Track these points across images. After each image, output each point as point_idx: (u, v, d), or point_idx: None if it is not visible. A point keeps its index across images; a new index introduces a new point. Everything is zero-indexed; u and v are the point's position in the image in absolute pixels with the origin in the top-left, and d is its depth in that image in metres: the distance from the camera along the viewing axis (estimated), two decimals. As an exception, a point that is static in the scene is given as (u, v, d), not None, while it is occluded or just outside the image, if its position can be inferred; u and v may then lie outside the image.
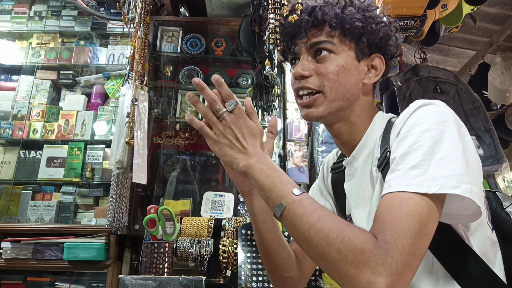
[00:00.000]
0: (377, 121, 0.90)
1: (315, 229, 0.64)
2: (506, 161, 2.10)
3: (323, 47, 0.86)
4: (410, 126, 0.72)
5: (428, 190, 0.63)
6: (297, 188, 0.71)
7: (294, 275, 0.98)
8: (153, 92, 2.62)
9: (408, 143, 0.70)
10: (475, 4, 1.91)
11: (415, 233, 0.61)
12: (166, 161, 2.67)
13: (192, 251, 2.02)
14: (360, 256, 0.58)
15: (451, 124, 0.71)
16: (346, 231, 0.62)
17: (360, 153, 0.89)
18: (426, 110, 0.74)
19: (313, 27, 0.87)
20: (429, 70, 2.36)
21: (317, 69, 0.86)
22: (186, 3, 2.85)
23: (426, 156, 0.67)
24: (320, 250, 0.63)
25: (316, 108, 0.87)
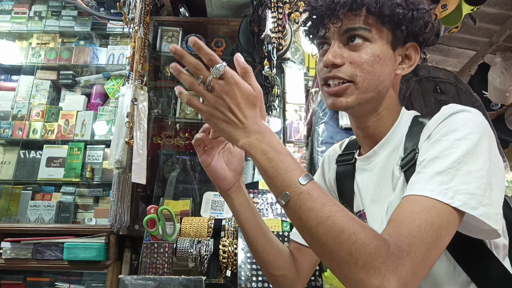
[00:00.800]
0: (403, 117, 0.86)
1: (324, 226, 0.59)
2: (506, 161, 2.10)
3: (359, 34, 0.79)
4: (445, 131, 0.69)
5: (452, 202, 0.62)
6: (303, 176, 0.64)
7: (288, 274, 0.96)
8: (153, 92, 2.62)
9: (440, 148, 0.67)
10: (475, 4, 1.91)
11: (431, 243, 0.59)
12: (166, 161, 2.67)
13: (192, 251, 2.02)
14: (372, 262, 0.56)
15: (485, 137, 0.68)
16: (359, 233, 0.58)
17: (382, 149, 0.85)
18: (463, 117, 0.71)
19: (349, 11, 0.78)
20: (429, 70, 2.35)
21: (350, 58, 0.79)
22: (186, 3, 2.85)
23: (455, 165, 0.65)
24: (329, 249, 0.59)
25: (346, 98, 0.80)
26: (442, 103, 1.20)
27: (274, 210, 2.28)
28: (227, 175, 0.85)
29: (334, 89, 0.80)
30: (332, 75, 0.79)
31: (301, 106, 2.60)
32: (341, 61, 0.79)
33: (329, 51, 0.80)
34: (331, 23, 0.80)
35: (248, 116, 0.67)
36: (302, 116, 2.57)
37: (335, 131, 2.45)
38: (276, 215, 2.26)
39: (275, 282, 0.97)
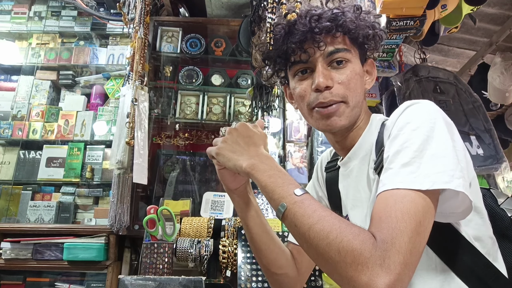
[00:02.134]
0: (373, 124, 0.90)
1: (315, 230, 0.64)
2: (506, 161, 2.10)
3: (343, 57, 0.84)
4: (401, 125, 0.73)
5: (422, 186, 0.64)
6: (299, 189, 0.71)
7: (289, 273, 0.98)
8: (153, 92, 2.63)
9: (400, 142, 0.70)
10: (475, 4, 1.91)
11: (412, 231, 0.61)
12: (166, 161, 2.67)
13: (192, 251, 2.02)
14: (359, 258, 0.58)
15: (440, 122, 0.71)
16: (345, 231, 0.61)
17: (356, 155, 0.90)
18: (414, 109, 0.75)
19: (328, 34, 0.83)
20: (428, 70, 2.36)
21: (337, 78, 0.83)
22: (186, 3, 2.85)
23: (418, 153, 0.67)
24: (320, 251, 0.63)
25: (339, 117, 0.84)
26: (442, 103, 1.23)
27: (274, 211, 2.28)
28: (237, 178, 0.90)
29: (328, 109, 0.84)
30: (328, 101, 0.83)
31: (301, 106, 2.59)
32: (331, 82, 0.83)
33: (319, 75, 0.83)
34: (315, 47, 0.83)
35: (251, 145, 0.80)
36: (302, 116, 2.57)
37: (335, 131, 2.44)
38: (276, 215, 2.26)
39: (276, 281, 0.99)
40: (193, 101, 2.71)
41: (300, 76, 0.88)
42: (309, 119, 0.90)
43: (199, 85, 2.68)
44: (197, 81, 2.68)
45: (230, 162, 0.80)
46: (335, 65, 0.84)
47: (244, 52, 2.44)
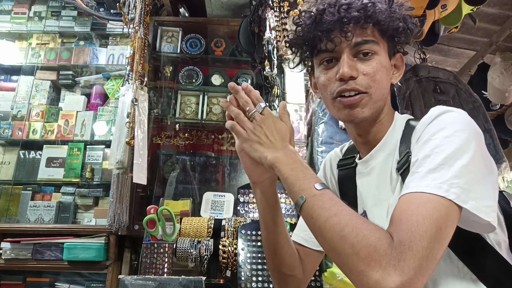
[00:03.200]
0: (397, 122, 0.90)
1: (331, 223, 0.65)
2: (506, 161, 2.10)
3: (370, 49, 0.82)
4: (434, 131, 0.72)
5: (447, 195, 0.63)
6: (320, 183, 0.73)
7: (297, 274, 0.98)
8: (152, 92, 2.62)
9: (431, 146, 0.70)
10: (475, 4, 1.91)
11: (431, 237, 0.60)
12: (166, 161, 2.67)
13: (192, 251, 2.02)
14: (373, 254, 0.58)
15: (473, 134, 0.71)
16: (361, 227, 0.62)
17: (379, 153, 0.88)
18: (450, 116, 0.74)
19: (356, 24, 0.81)
20: (428, 70, 2.36)
21: (363, 70, 0.82)
22: (186, 3, 2.85)
23: (447, 160, 0.66)
24: (334, 243, 0.64)
25: (362, 108, 0.83)
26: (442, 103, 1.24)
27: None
28: (258, 167, 0.86)
29: (350, 99, 0.82)
30: (351, 88, 0.82)
31: (301, 106, 2.60)
32: (356, 73, 0.82)
33: (344, 64, 0.82)
34: (342, 37, 0.82)
35: (278, 139, 0.80)
36: (302, 116, 2.57)
37: (335, 131, 2.45)
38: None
39: (283, 282, 0.98)
40: (193, 101, 2.71)
41: (325, 65, 0.86)
42: (331, 109, 0.88)
43: (199, 85, 2.68)
44: (197, 81, 2.68)
45: (256, 153, 0.81)
46: (361, 56, 0.83)
47: (244, 52, 2.44)
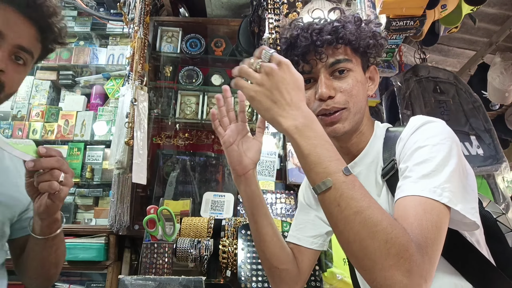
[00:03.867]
0: (378, 131, 0.95)
1: (363, 216, 0.63)
2: (506, 161, 2.10)
3: (344, 67, 0.88)
4: (422, 140, 0.77)
5: (441, 199, 0.68)
6: (346, 167, 0.67)
7: (290, 269, 0.99)
8: (152, 92, 2.62)
9: (422, 154, 0.75)
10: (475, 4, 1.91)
11: (438, 243, 0.66)
12: (166, 161, 2.67)
13: (192, 251, 2.02)
14: (404, 253, 0.60)
15: (454, 143, 0.77)
16: (394, 226, 0.63)
17: (362, 161, 0.93)
18: (433, 126, 0.80)
19: (329, 45, 0.87)
20: (428, 70, 2.36)
21: (339, 87, 0.87)
22: (185, 3, 2.85)
23: (438, 167, 0.72)
24: (361, 237, 0.62)
25: (342, 123, 0.88)
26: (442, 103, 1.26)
27: (274, 210, 2.28)
28: (244, 161, 0.89)
29: (331, 117, 0.87)
30: (331, 108, 0.87)
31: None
32: (334, 92, 0.87)
33: (321, 85, 0.87)
34: (317, 59, 0.87)
35: (295, 99, 0.68)
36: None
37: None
38: (276, 215, 2.26)
39: (277, 277, 0.99)
40: (193, 101, 2.71)
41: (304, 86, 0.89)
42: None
43: (199, 85, 2.68)
44: (197, 81, 2.68)
45: (268, 113, 0.69)
46: (337, 74, 0.88)
47: (244, 52, 2.44)
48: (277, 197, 2.34)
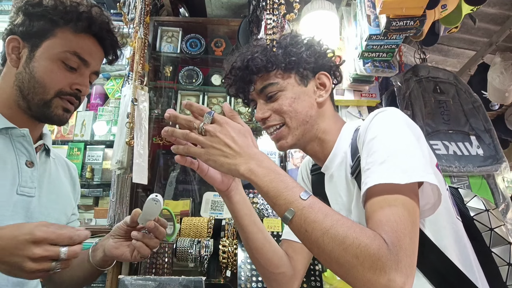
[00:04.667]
0: (343, 132, 0.97)
1: (329, 236, 0.65)
2: (505, 161, 2.10)
3: (271, 90, 0.96)
4: (373, 131, 0.80)
5: (401, 180, 0.69)
6: (303, 192, 0.70)
7: (286, 272, 1.00)
8: (153, 92, 2.63)
9: (374, 145, 0.77)
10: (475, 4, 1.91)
11: (410, 232, 0.66)
12: (166, 161, 2.67)
13: (192, 251, 2.03)
14: (377, 263, 0.61)
15: (405, 125, 0.79)
16: (361, 236, 0.63)
17: (332, 163, 0.96)
18: (383, 116, 0.82)
19: (254, 75, 0.96)
20: (428, 70, 2.36)
21: (273, 108, 0.95)
22: (186, 3, 2.85)
23: (392, 152, 0.74)
24: (335, 256, 0.64)
25: (285, 140, 0.96)
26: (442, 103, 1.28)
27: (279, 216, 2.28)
28: (223, 178, 0.91)
29: (274, 135, 0.97)
30: (267, 126, 0.97)
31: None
32: (268, 113, 0.96)
33: (257, 110, 0.98)
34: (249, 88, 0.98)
35: (243, 145, 0.75)
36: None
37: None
38: (275, 215, 2.26)
39: (274, 281, 1.00)
40: (193, 101, 2.71)
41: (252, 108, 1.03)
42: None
43: (199, 85, 2.68)
44: (197, 81, 2.68)
45: (223, 167, 0.75)
46: (269, 98, 0.97)
47: (244, 52, 2.44)
48: (277, 197, 2.33)
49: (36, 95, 0.93)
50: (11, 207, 0.90)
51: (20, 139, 0.95)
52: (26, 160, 0.95)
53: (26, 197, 0.94)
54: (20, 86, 0.94)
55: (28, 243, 0.69)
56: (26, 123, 0.96)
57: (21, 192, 0.93)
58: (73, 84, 0.96)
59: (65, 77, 0.94)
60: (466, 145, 2.14)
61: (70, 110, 0.98)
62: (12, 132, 0.95)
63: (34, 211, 0.95)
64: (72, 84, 0.96)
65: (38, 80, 0.92)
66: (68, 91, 0.96)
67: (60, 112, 0.96)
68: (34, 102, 0.93)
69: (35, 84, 0.92)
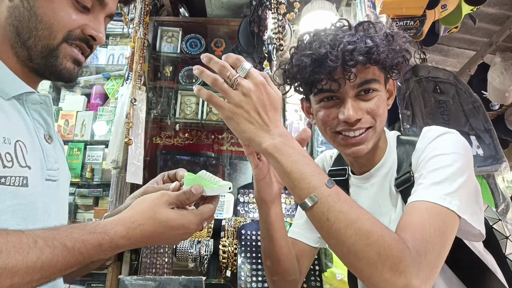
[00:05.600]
0: (391, 141, 0.94)
1: (353, 228, 0.62)
2: (506, 161, 2.10)
3: (372, 87, 0.84)
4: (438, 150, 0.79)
5: (450, 206, 0.69)
6: (328, 180, 0.66)
7: (295, 277, 0.98)
8: (152, 92, 2.63)
9: (436, 163, 0.76)
10: (475, 4, 1.91)
11: (440, 247, 0.66)
12: (166, 161, 2.67)
13: (192, 251, 2.02)
14: (398, 265, 0.60)
15: (468, 155, 0.79)
16: (386, 235, 0.62)
17: (379, 172, 0.92)
18: (450, 137, 0.81)
19: (364, 65, 0.82)
20: (428, 70, 2.36)
21: (367, 108, 0.84)
22: (185, 3, 2.85)
23: (450, 176, 0.73)
24: (356, 249, 0.62)
25: (366, 144, 0.85)
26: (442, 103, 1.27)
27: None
28: (274, 187, 0.85)
29: (357, 139, 0.84)
30: (357, 128, 0.84)
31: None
32: (361, 114, 0.83)
33: (349, 108, 0.82)
34: (346, 79, 0.81)
35: (272, 119, 0.67)
36: (302, 116, 2.57)
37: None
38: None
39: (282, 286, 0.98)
40: (193, 101, 2.71)
41: (325, 103, 0.87)
42: (331, 141, 0.90)
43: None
44: (197, 81, 2.68)
45: (244, 134, 0.66)
46: (363, 94, 0.84)
47: (244, 52, 2.44)
48: (277, 197, 2.34)
49: (40, 40, 0.70)
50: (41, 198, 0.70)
51: (38, 107, 0.73)
52: (44, 133, 0.74)
53: (52, 182, 0.74)
54: (17, 27, 0.70)
55: (186, 234, 0.67)
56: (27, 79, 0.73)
57: (48, 176, 0.73)
58: (86, 27, 0.74)
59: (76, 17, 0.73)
60: (466, 145, 2.13)
61: (81, 62, 0.77)
62: (28, 98, 0.72)
63: (55, 196, 0.75)
64: (84, 27, 0.74)
65: (42, 18, 0.69)
66: (79, 35, 0.74)
67: (70, 65, 0.74)
68: (37, 49, 0.71)
69: (38, 25, 0.69)
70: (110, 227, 0.62)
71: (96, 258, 0.60)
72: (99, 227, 0.61)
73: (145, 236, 0.63)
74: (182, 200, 0.68)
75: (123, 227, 0.62)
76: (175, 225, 0.65)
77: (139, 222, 0.63)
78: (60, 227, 0.61)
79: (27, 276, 0.53)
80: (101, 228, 0.61)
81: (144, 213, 0.65)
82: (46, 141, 0.74)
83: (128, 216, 0.64)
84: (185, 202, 0.68)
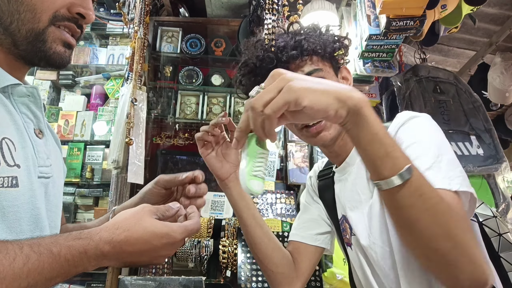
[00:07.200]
0: None
1: (443, 205, 0.60)
2: (506, 161, 2.10)
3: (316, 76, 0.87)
4: (412, 135, 0.79)
5: (451, 187, 0.68)
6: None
7: (286, 272, 0.99)
8: (152, 92, 2.62)
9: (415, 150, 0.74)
10: (475, 5, 1.91)
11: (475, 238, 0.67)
12: (166, 161, 2.67)
13: (192, 251, 2.02)
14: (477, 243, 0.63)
15: (441, 132, 0.80)
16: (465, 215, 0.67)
17: (353, 160, 0.94)
18: (420, 121, 0.82)
19: (295, 59, 0.88)
20: (428, 70, 2.36)
21: None
22: (186, 3, 2.85)
23: (436, 158, 0.73)
24: (451, 227, 0.60)
25: (328, 131, 0.89)
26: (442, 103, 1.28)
27: (274, 210, 2.28)
28: (224, 165, 0.94)
29: (316, 127, 0.88)
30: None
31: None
32: None
33: None
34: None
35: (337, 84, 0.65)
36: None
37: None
38: (276, 215, 2.26)
39: (274, 280, 1.00)
40: (193, 101, 2.71)
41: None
42: (300, 137, 0.95)
43: (199, 85, 2.68)
44: (197, 81, 2.68)
45: (324, 95, 0.57)
46: None
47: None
48: (277, 197, 2.34)
49: (23, 24, 0.64)
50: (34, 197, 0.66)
51: (25, 100, 0.68)
52: (34, 128, 0.69)
53: (45, 179, 0.69)
54: None
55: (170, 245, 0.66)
56: (12, 69, 0.67)
57: (41, 174, 0.68)
58: (73, 5, 0.68)
59: None
60: (466, 145, 2.14)
61: (72, 45, 0.71)
62: (14, 91, 0.67)
63: (50, 195, 0.71)
64: (71, 5, 0.68)
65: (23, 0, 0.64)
66: (66, 15, 0.68)
67: (60, 49, 0.68)
68: (21, 34, 0.65)
69: (19, 7, 0.64)
70: (94, 233, 0.61)
71: (81, 268, 0.59)
72: (83, 234, 0.61)
73: (130, 243, 0.62)
74: (162, 211, 0.69)
75: (108, 232, 0.62)
76: (160, 233, 0.64)
77: (123, 228, 0.63)
78: (45, 235, 0.61)
79: (14, 282, 0.52)
80: (86, 234, 0.61)
81: (129, 220, 0.65)
82: (37, 136, 0.69)
83: (112, 224, 0.64)
84: (165, 213, 0.70)
